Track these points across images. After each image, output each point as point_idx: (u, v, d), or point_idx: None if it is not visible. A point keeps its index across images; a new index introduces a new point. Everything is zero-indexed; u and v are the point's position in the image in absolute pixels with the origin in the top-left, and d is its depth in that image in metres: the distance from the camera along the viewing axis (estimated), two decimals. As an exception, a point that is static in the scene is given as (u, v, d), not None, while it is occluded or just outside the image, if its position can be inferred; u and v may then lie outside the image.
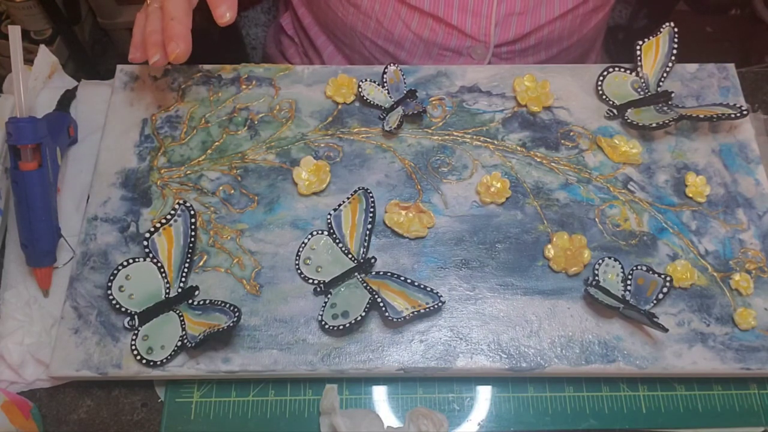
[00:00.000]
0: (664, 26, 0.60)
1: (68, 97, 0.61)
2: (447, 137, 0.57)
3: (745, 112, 0.54)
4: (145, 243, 0.51)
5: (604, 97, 0.59)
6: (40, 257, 0.51)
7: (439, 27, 0.66)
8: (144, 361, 0.47)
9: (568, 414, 0.50)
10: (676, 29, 0.59)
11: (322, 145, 0.57)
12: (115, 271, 0.50)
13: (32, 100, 0.60)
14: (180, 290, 0.50)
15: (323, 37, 0.76)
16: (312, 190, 0.54)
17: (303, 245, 0.52)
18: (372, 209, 0.52)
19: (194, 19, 0.50)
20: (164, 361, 0.47)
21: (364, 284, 0.50)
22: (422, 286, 0.49)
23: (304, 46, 0.80)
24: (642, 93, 0.59)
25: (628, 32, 1.11)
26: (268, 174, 0.55)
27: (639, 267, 0.50)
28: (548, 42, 0.70)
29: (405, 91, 0.58)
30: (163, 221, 0.51)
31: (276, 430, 0.49)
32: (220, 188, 0.55)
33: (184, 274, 0.50)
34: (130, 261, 0.50)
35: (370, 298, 0.49)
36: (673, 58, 0.59)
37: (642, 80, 0.59)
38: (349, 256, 0.51)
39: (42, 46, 0.63)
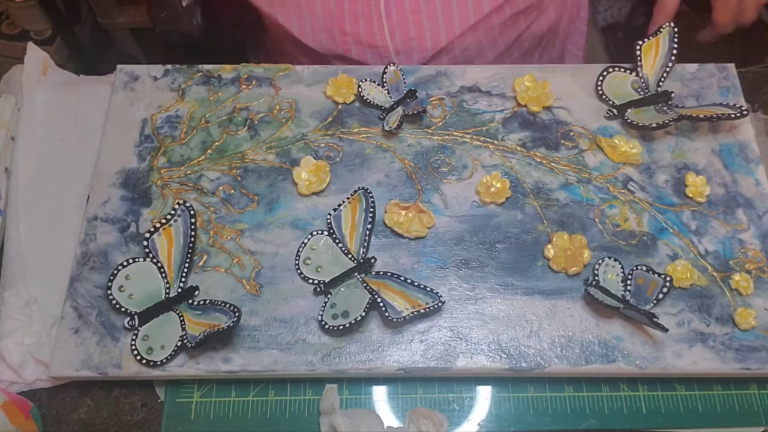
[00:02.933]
0: (664, 26, 0.60)
1: None
2: (447, 137, 0.57)
3: (745, 112, 0.54)
4: (145, 243, 0.51)
5: (604, 97, 0.59)
6: None
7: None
8: (144, 361, 0.47)
9: (568, 414, 0.50)
10: (675, 29, 0.59)
11: (322, 145, 0.57)
12: (115, 271, 0.50)
13: (31, 98, 0.60)
14: (180, 290, 0.50)
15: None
16: (312, 190, 0.54)
17: (303, 245, 0.52)
18: (372, 209, 0.52)
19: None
20: (164, 361, 0.47)
21: (364, 284, 0.50)
22: (422, 286, 0.49)
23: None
24: (642, 93, 0.59)
25: (626, 30, 1.11)
26: (268, 174, 0.55)
27: (639, 267, 0.50)
28: (465, 58, 0.68)
29: (405, 91, 0.58)
30: (163, 221, 0.51)
31: (276, 430, 0.49)
32: (220, 188, 0.55)
33: (184, 274, 0.50)
34: (130, 261, 0.50)
35: (370, 298, 0.49)
36: (673, 58, 0.59)
37: (642, 80, 0.59)
38: (349, 256, 0.51)
39: (30, 44, 0.63)
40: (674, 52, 0.59)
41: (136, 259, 0.51)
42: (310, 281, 0.51)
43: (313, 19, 0.65)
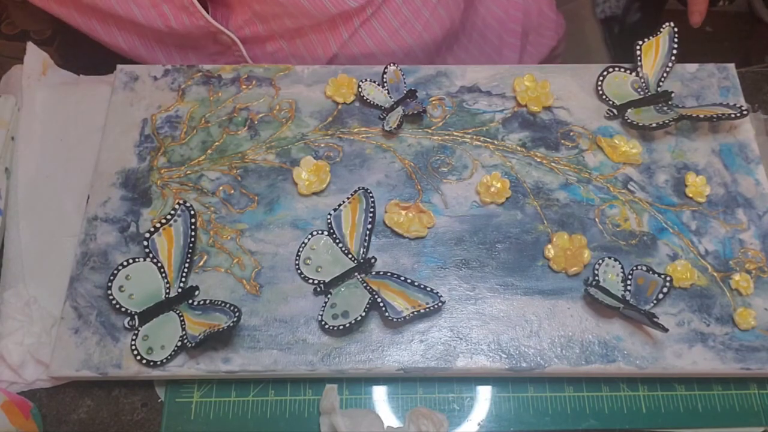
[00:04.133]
0: (664, 26, 0.60)
1: None
2: (447, 137, 0.57)
3: (745, 112, 0.54)
4: (145, 243, 0.51)
5: (604, 97, 0.59)
6: None
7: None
8: (144, 361, 0.47)
9: (568, 414, 0.50)
10: (676, 29, 0.59)
11: (322, 145, 0.57)
12: (115, 271, 0.50)
13: (31, 98, 0.60)
14: (180, 290, 0.50)
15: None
16: (312, 190, 0.54)
17: (303, 245, 0.52)
18: (372, 209, 0.52)
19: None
20: (164, 361, 0.47)
21: (364, 284, 0.50)
22: (422, 286, 0.49)
23: None
24: (642, 93, 0.59)
25: (622, 25, 1.11)
26: (268, 174, 0.55)
27: (639, 267, 0.50)
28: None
29: (405, 91, 0.58)
30: (163, 221, 0.51)
31: (276, 430, 0.49)
32: (220, 188, 0.55)
33: (184, 274, 0.50)
34: (130, 261, 0.50)
35: (370, 298, 0.49)
36: (673, 58, 0.59)
37: (642, 80, 0.59)
38: (349, 256, 0.51)
39: (30, 44, 0.63)
40: (674, 52, 0.59)
41: (136, 259, 0.51)
42: (310, 281, 0.51)
43: None
